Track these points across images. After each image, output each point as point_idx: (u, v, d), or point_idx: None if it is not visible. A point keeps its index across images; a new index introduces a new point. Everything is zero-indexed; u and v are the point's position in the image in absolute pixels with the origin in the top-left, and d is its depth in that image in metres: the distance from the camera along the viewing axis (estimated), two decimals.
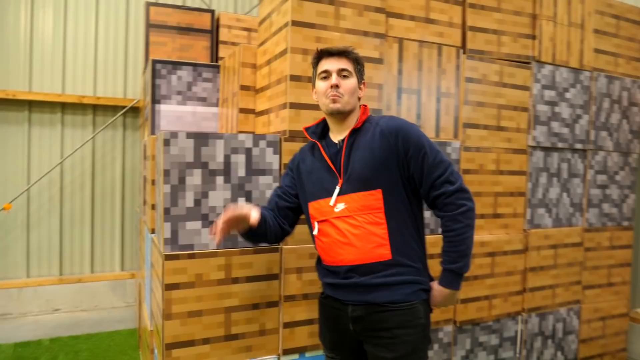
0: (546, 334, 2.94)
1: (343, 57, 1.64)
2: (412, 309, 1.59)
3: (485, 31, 2.68)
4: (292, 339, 2.16)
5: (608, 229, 3.18)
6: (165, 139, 1.92)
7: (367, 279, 1.59)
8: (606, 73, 3.14)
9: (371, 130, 1.62)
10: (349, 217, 1.58)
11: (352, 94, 1.63)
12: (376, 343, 1.61)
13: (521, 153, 2.81)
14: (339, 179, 1.62)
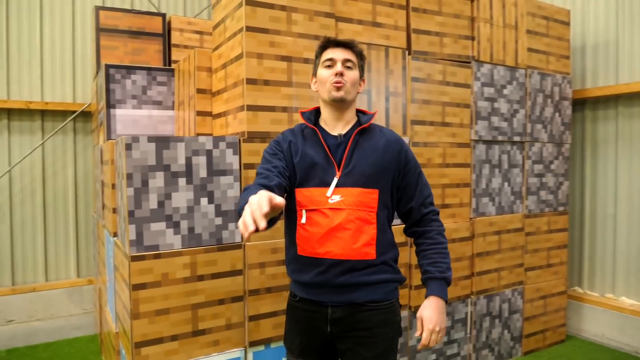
0: (493, 314, 3.18)
1: (349, 49, 1.64)
2: (391, 307, 1.63)
3: (428, 33, 2.86)
4: (257, 331, 2.26)
5: (546, 215, 3.46)
6: (127, 143, 1.97)
7: (348, 277, 1.57)
8: (539, 70, 3.41)
9: (377, 134, 1.66)
10: (343, 210, 1.55)
11: (354, 85, 1.63)
12: (355, 342, 1.61)
13: (465, 147, 3.03)
14: (336, 171, 1.58)
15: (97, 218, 3.33)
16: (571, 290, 3.87)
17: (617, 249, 3.64)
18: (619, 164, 3.63)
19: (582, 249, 3.88)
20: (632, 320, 3.44)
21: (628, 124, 3.58)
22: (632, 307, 3.47)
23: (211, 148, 2.15)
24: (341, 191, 1.56)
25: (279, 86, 2.32)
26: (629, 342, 3.45)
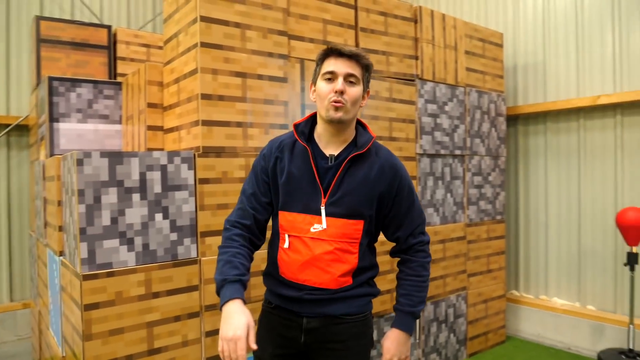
0: (440, 319, 3.32)
1: (354, 61, 1.49)
2: (365, 320, 1.63)
3: (376, 52, 2.99)
4: (214, 347, 2.24)
5: (485, 223, 3.67)
6: (79, 158, 1.92)
7: (326, 295, 1.57)
8: (476, 88, 3.64)
9: (371, 159, 1.55)
10: (325, 241, 1.51)
11: (355, 103, 1.50)
12: (327, 355, 1.59)
13: (411, 160, 3.17)
14: (322, 198, 1.51)
15: (36, 237, 3.16)
16: (509, 293, 4.12)
17: (549, 254, 3.92)
18: (549, 175, 3.92)
19: (517, 254, 4.14)
20: (564, 319, 3.70)
21: (555, 138, 3.88)
22: (563, 307, 3.74)
23: (166, 163, 2.14)
24: (328, 221, 1.51)
25: (233, 101, 2.34)
26: (562, 340, 3.72)
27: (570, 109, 3.73)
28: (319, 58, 1.55)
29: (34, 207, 3.33)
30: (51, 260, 2.55)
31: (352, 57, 1.49)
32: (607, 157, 3.56)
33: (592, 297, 3.65)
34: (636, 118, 3.41)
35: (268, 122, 2.46)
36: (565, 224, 3.81)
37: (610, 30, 3.52)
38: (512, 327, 4.03)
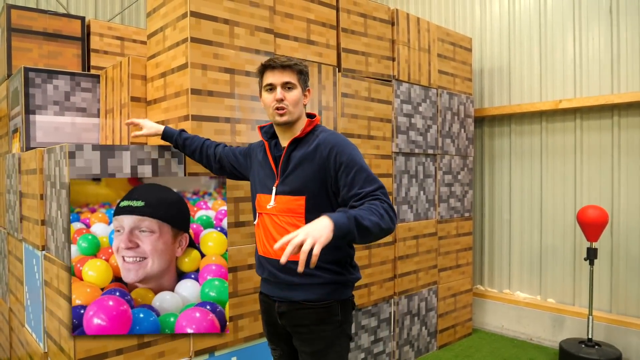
0: (413, 312, 3.46)
1: (287, 70, 1.71)
2: (328, 307, 1.73)
3: (356, 53, 3.09)
4: (202, 340, 2.28)
5: (454, 220, 3.84)
6: (70, 151, 1.91)
7: (285, 277, 1.73)
8: (447, 90, 3.81)
9: (310, 141, 1.73)
10: (275, 215, 1.73)
11: (297, 105, 1.73)
12: (298, 338, 1.78)
13: (387, 158, 3.29)
14: (276, 180, 1.76)
15: (6, 232, 3.08)
16: (475, 288, 4.32)
17: (512, 250, 4.14)
18: (513, 175, 4.15)
19: (482, 250, 4.35)
20: (526, 312, 3.93)
21: (519, 139, 4.11)
22: (525, 300, 3.97)
23: (157, 157, 2.15)
24: (277, 198, 1.74)
25: (222, 97, 2.38)
26: (524, 331, 3.94)
27: (534, 112, 3.96)
28: (258, 73, 1.79)
29: (2, 201, 3.23)
30: (29, 255, 2.50)
31: (285, 67, 1.72)
32: (567, 159, 3.81)
33: (552, 291, 3.90)
34: (595, 122, 3.67)
35: (254, 118, 2.50)
36: (528, 221, 4.04)
37: (571, 38, 3.76)
38: (478, 320, 4.23)
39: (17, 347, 2.86)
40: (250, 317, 2.47)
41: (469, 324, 4.03)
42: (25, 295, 2.62)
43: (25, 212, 2.58)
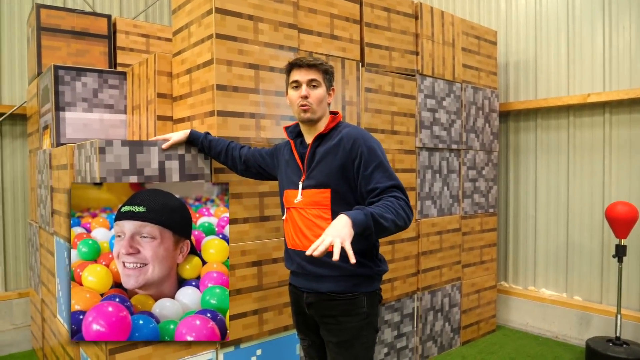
0: (436, 308, 3.45)
1: (313, 69, 1.79)
2: (354, 299, 1.78)
3: (379, 47, 3.08)
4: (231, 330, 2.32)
5: (479, 216, 3.81)
6: (101, 147, 1.96)
7: (313, 268, 1.80)
8: (472, 84, 3.77)
9: (334, 136, 1.80)
10: (302, 208, 1.81)
11: (321, 103, 1.81)
12: (325, 329, 1.84)
13: (411, 153, 3.28)
14: (302, 175, 1.83)
15: (38, 226, 3.17)
16: (499, 284, 4.28)
17: (538, 246, 4.09)
18: (538, 170, 4.09)
19: (507, 246, 4.30)
20: (551, 309, 3.88)
21: (545, 134, 4.04)
22: (551, 297, 3.91)
23: (183, 153, 2.19)
24: (303, 193, 1.81)
25: (247, 93, 2.40)
26: (550, 328, 3.89)
27: (561, 107, 3.89)
28: (285, 71, 1.87)
29: (34, 196, 3.32)
30: (60, 248, 2.58)
31: (311, 66, 1.80)
32: (595, 154, 3.73)
33: (579, 288, 3.83)
34: (624, 116, 3.59)
35: (279, 114, 2.53)
36: (554, 217, 3.98)
37: (600, 30, 3.68)
38: (502, 316, 4.19)
39: (49, 337, 2.95)
40: (275, 311, 2.50)
41: (492, 321, 4.00)
42: (57, 286, 2.70)
43: (56, 206, 2.65)
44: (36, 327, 3.38)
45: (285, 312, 2.53)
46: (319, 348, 1.95)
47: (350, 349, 1.79)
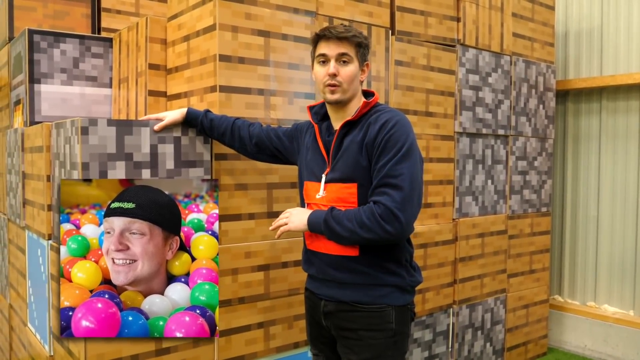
0: (476, 325, 3.45)
1: (344, 42, 1.76)
2: (381, 312, 1.78)
3: (413, 12, 3.06)
4: (228, 348, 2.34)
5: (529, 216, 3.79)
6: (83, 126, 1.98)
7: (336, 273, 1.83)
8: (524, 58, 3.73)
9: (365, 124, 1.78)
10: (325, 205, 1.81)
11: (352, 82, 1.79)
12: (344, 344, 1.85)
13: (449, 140, 3.26)
14: (327, 167, 1.84)
15: (7, 218, 3.22)
16: (551, 298, 4.25)
17: (599, 254, 4.05)
18: (602, 162, 4.04)
19: (562, 253, 4.28)
20: (614, 330, 3.85)
21: (612, 118, 3.99)
22: (614, 316, 3.89)
23: (179, 135, 2.21)
24: (327, 187, 1.83)
25: (255, 65, 2.41)
26: (612, 353, 3.87)
27: (632, 85, 3.84)
28: (312, 42, 1.87)
29: (2, 183, 3.38)
30: (34, 245, 2.62)
31: (342, 38, 1.77)
32: None
33: None
34: None
35: (292, 90, 2.53)
36: (621, 219, 3.94)
37: None
38: (555, 337, 4.18)
39: (18, 349, 3.01)
40: (284, 324, 2.51)
41: (543, 342, 3.98)
42: (29, 290, 2.75)
43: (29, 195, 2.69)
44: (2, 337, 3.45)
45: (296, 326, 2.55)
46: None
47: None
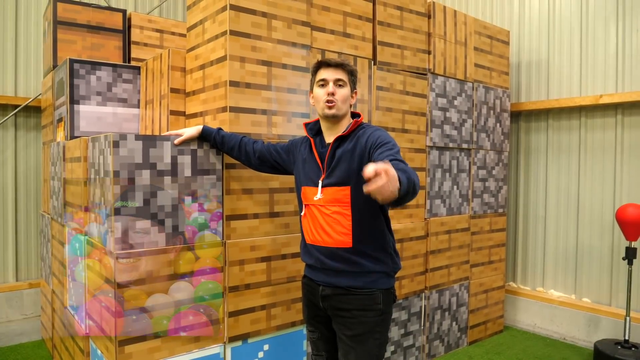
0: (444, 307, 3.44)
1: (340, 69, 1.87)
2: (371, 295, 1.84)
3: (391, 46, 3.07)
4: (236, 327, 2.33)
5: (488, 216, 3.79)
6: (115, 140, 1.98)
7: (332, 263, 1.86)
8: (484, 84, 3.74)
9: (354, 138, 1.85)
10: (323, 206, 1.85)
11: (345, 101, 1.87)
12: (339, 322, 1.88)
13: (421, 152, 3.26)
14: (322, 174, 1.88)
15: (50, 217, 3.20)
16: (507, 285, 4.25)
17: (547, 247, 4.06)
18: (549, 172, 4.05)
19: (516, 247, 4.28)
20: (559, 311, 3.86)
21: (557, 135, 4.01)
22: (559, 299, 3.89)
23: (196, 148, 2.20)
24: (323, 190, 1.86)
25: (259, 89, 2.41)
26: (558, 330, 3.87)
27: (573, 107, 3.86)
28: (312, 70, 1.94)
29: (47, 187, 3.36)
30: (73, 240, 2.60)
31: (339, 66, 1.87)
32: (607, 155, 3.70)
33: (587, 290, 3.81)
34: (637, 118, 3.55)
35: (291, 111, 2.53)
36: (564, 218, 3.95)
37: (614, 30, 3.63)
38: (510, 317, 4.18)
39: (59, 328, 2.99)
40: (283, 306, 2.51)
41: (500, 321, 3.98)
42: (68, 278, 2.73)
43: (69, 198, 2.68)
44: (46, 317, 3.42)
45: (293, 308, 2.54)
46: (328, 341, 2.01)
47: (364, 342, 1.83)
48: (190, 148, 2.18)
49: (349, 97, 1.89)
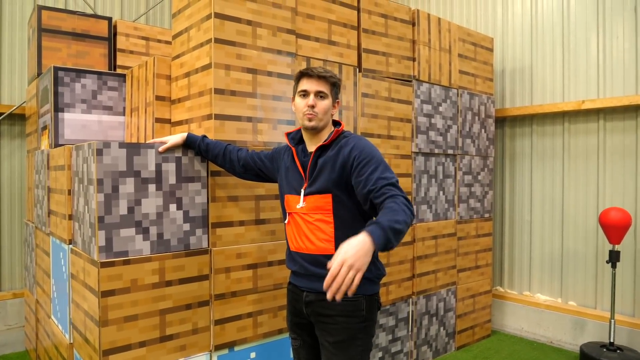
0: (431, 312, 3.45)
1: (322, 80, 1.85)
2: (354, 301, 1.81)
3: (376, 53, 3.10)
4: (222, 335, 2.32)
5: (474, 221, 3.82)
6: (98, 148, 1.97)
7: (315, 269, 1.84)
8: (468, 90, 3.79)
9: (336, 147, 1.84)
10: (305, 214, 1.86)
11: (326, 113, 1.87)
12: (322, 328, 1.86)
13: (407, 158, 3.29)
14: (304, 182, 1.88)
15: (34, 226, 3.17)
16: (494, 289, 4.28)
17: (533, 252, 4.10)
18: (534, 176, 4.10)
19: (502, 251, 4.31)
20: (546, 314, 3.89)
21: (541, 140, 4.06)
22: (546, 303, 3.92)
23: (180, 155, 2.20)
24: (306, 199, 1.86)
25: (244, 97, 2.41)
26: (544, 334, 3.90)
27: (556, 113, 3.91)
28: (295, 79, 1.92)
29: (31, 196, 3.32)
30: (57, 249, 2.58)
31: (321, 77, 1.85)
32: (590, 160, 3.75)
33: (573, 294, 3.84)
34: (618, 123, 3.61)
35: (276, 118, 2.54)
36: (549, 222, 4.00)
37: (595, 37, 3.70)
38: (497, 321, 4.20)
39: (43, 338, 2.95)
40: (270, 313, 2.50)
41: (487, 326, 4.00)
42: (52, 287, 2.70)
43: (53, 206, 2.66)
44: (30, 328, 3.38)
45: (280, 315, 2.53)
46: (310, 349, 1.99)
47: (347, 349, 1.81)
48: (174, 155, 2.18)
49: (330, 108, 1.89)
